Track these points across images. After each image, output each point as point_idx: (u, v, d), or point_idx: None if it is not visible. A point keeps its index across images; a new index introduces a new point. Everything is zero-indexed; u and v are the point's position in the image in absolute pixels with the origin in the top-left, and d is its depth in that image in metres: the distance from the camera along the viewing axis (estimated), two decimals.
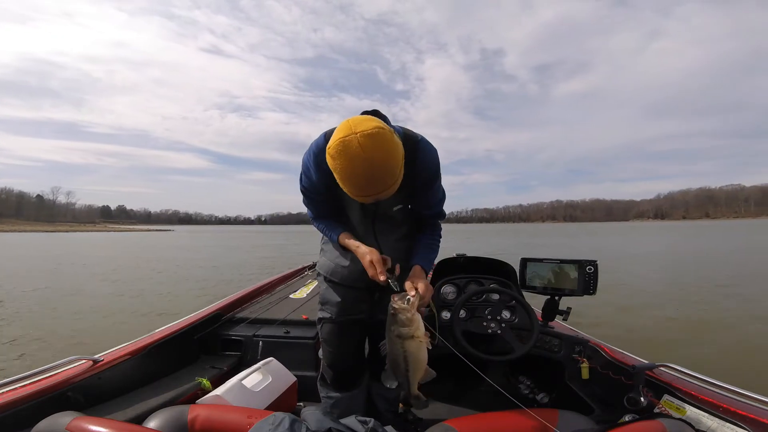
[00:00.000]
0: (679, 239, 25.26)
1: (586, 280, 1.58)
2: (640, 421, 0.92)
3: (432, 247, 1.28)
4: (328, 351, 1.35)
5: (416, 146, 1.08)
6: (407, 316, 0.93)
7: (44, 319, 5.10)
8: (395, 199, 1.11)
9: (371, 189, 0.87)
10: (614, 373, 1.39)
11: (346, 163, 0.83)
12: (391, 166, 0.85)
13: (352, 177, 0.85)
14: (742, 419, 0.93)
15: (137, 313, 5.49)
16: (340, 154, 0.82)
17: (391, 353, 0.98)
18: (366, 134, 0.80)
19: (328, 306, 1.31)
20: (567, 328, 1.77)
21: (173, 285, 8.08)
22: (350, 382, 1.40)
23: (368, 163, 0.81)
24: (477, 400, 1.80)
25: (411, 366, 0.95)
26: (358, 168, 0.82)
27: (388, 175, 0.86)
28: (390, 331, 0.96)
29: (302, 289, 2.77)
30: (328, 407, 1.39)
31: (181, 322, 1.82)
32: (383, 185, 0.87)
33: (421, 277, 1.13)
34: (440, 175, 1.17)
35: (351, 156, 0.81)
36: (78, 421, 0.71)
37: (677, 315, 5.01)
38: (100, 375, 1.27)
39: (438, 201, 1.24)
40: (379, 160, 0.82)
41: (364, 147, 0.80)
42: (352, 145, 0.80)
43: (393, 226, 1.24)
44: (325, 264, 1.32)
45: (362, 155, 0.80)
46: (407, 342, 0.93)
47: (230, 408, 1.03)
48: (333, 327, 1.31)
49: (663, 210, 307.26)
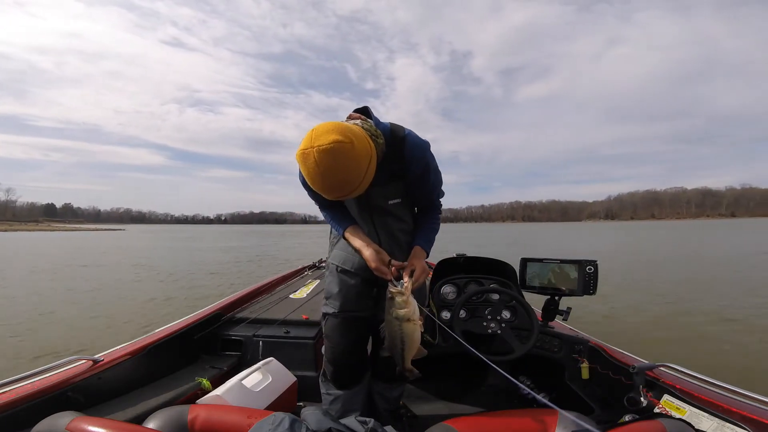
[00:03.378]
0: (627, 239, 25.80)
1: (586, 280, 1.58)
2: (640, 421, 0.92)
3: (432, 228, 1.31)
4: (329, 346, 1.37)
5: (403, 141, 1.12)
6: (403, 299, 1.01)
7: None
8: (389, 193, 1.18)
9: (333, 194, 0.94)
10: (614, 373, 1.39)
11: (306, 172, 0.91)
12: (348, 177, 0.91)
13: (315, 184, 0.92)
14: (742, 419, 0.93)
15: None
16: (302, 164, 0.91)
17: (389, 333, 1.07)
18: (322, 149, 0.85)
19: (332, 300, 1.33)
20: (567, 328, 1.77)
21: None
22: (351, 379, 1.40)
23: (323, 177, 0.89)
24: (477, 399, 1.80)
25: (406, 345, 1.05)
26: (317, 178, 0.89)
27: (346, 183, 0.91)
28: (389, 314, 1.04)
29: (302, 289, 2.77)
30: (327, 403, 1.40)
31: (181, 322, 1.82)
32: (344, 191, 0.94)
33: (419, 258, 1.19)
34: (432, 166, 1.20)
35: (309, 168, 0.89)
36: (78, 421, 0.71)
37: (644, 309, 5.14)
38: (100, 375, 1.27)
39: (433, 188, 1.27)
40: (334, 173, 0.88)
41: (319, 162, 0.86)
42: (309, 159, 0.87)
43: (392, 220, 1.25)
44: (339, 255, 1.33)
45: (317, 170, 0.87)
46: (404, 324, 1.02)
47: (230, 408, 1.03)
48: (336, 322, 1.32)
49: (613, 211, 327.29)
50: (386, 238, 1.24)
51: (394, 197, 1.20)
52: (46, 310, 5.57)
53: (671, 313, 5.06)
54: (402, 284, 1.04)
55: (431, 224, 1.32)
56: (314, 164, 0.87)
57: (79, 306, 5.86)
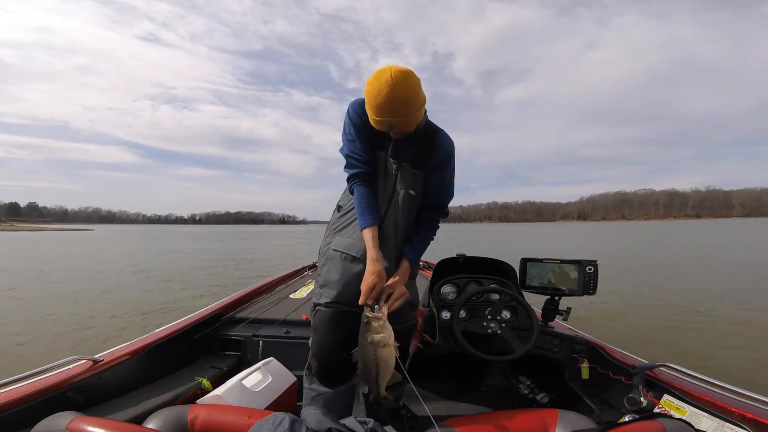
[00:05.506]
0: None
1: (586, 280, 1.58)
2: (640, 420, 0.92)
3: (429, 236, 1.35)
4: (316, 340, 1.31)
5: (436, 132, 1.26)
6: (380, 324, 1.01)
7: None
8: (411, 182, 1.25)
9: (391, 112, 1.04)
10: (614, 373, 1.39)
11: (375, 85, 1.03)
12: (410, 99, 1.04)
13: (378, 97, 1.02)
14: (742, 419, 0.93)
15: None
16: (374, 79, 1.04)
17: (364, 359, 1.04)
18: (398, 69, 1.02)
19: (327, 288, 1.28)
20: (567, 328, 1.77)
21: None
22: (336, 379, 1.32)
23: (392, 89, 1.00)
24: (477, 399, 1.80)
25: (381, 370, 1.03)
26: (384, 89, 1.01)
27: (407, 104, 1.04)
28: (363, 339, 1.03)
29: (302, 289, 2.77)
30: (308, 399, 1.34)
31: (181, 322, 1.82)
32: (402, 111, 1.05)
33: (401, 280, 1.19)
34: (452, 165, 1.30)
35: (381, 82, 1.01)
36: (78, 421, 0.71)
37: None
38: (100, 375, 1.27)
39: (447, 190, 1.34)
40: (402, 89, 1.02)
41: (394, 77, 1.01)
42: (385, 73, 1.02)
43: (405, 211, 1.27)
44: (343, 241, 1.28)
45: (389, 82, 1.00)
46: (379, 349, 1.01)
47: (230, 408, 1.03)
48: (327, 314, 1.27)
49: (585, 212, 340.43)
50: (392, 222, 1.24)
51: (414, 187, 1.26)
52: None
53: (670, 312, 5.07)
54: (377, 309, 1.03)
55: (429, 232, 1.33)
56: (388, 78, 1.00)
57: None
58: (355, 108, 1.21)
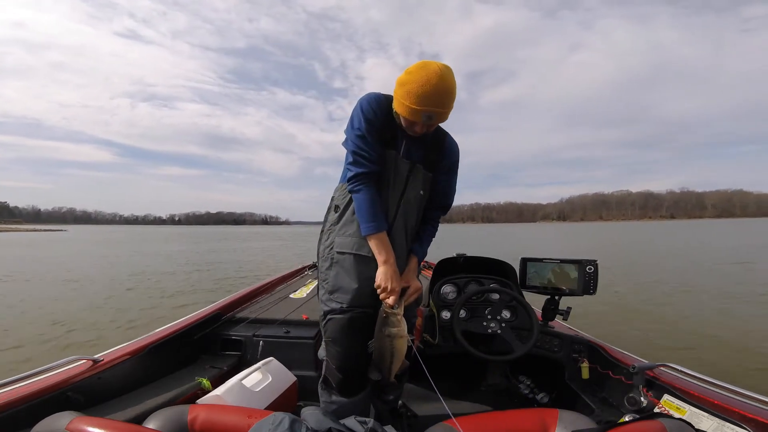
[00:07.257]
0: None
1: (586, 280, 1.58)
2: (640, 420, 0.92)
3: (433, 233, 1.39)
4: (338, 351, 1.22)
5: (444, 136, 1.30)
6: (397, 318, 1.08)
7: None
8: (422, 183, 1.26)
9: (436, 101, 1.05)
10: (614, 373, 1.39)
11: (423, 74, 1.03)
12: (454, 91, 1.07)
13: (426, 86, 1.03)
14: (742, 419, 0.93)
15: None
16: (420, 68, 1.05)
17: (379, 349, 1.12)
18: (443, 64, 1.06)
19: (339, 293, 1.21)
20: (567, 328, 1.77)
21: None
22: (358, 385, 1.27)
23: (441, 79, 1.02)
24: (477, 399, 1.80)
25: (395, 359, 1.11)
26: (434, 79, 1.02)
27: (451, 96, 1.06)
28: (381, 332, 1.09)
29: (302, 289, 2.77)
30: (329, 413, 1.33)
31: (181, 322, 1.82)
32: (445, 103, 1.06)
33: (413, 275, 1.28)
34: (457, 169, 1.35)
35: (430, 70, 1.03)
36: (78, 421, 0.71)
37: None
38: (100, 375, 1.27)
39: (453, 191, 1.38)
40: (450, 81, 1.05)
41: (441, 69, 1.03)
42: (432, 66, 1.04)
43: (415, 212, 1.28)
44: (351, 241, 1.21)
45: (438, 72, 1.02)
46: (396, 340, 1.09)
47: (230, 408, 1.03)
48: (344, 320, 1.20)
49: (565, 212, 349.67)
50: (399, 224, 1.25)
51: (424, 188, 1.27)
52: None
53: (669, 312, 5.07)
54: (396, 305, 1.09)
55: (433, 229, 1.38)
56: (437, 69, 1.02)
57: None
58: (370, 102, 1.16)
